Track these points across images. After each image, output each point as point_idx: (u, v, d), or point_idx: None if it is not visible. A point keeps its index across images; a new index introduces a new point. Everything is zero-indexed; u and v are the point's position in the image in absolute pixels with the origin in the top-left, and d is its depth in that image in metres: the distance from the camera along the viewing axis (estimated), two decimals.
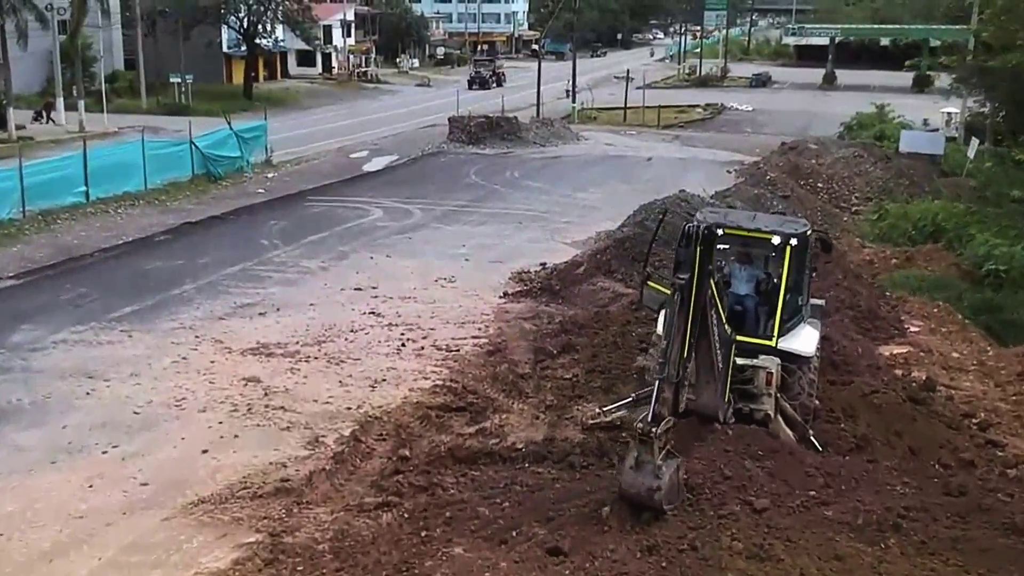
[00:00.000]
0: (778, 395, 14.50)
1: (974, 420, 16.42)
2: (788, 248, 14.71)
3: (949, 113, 59.06)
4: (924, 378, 17.82)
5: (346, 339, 20.36)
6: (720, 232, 14.92)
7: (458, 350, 19.66)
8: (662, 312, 15.93)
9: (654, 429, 11.19)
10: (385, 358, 19.21)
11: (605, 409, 15.43)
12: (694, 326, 11.91)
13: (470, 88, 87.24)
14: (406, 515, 12.59)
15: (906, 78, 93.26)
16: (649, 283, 16.81)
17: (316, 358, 19.13)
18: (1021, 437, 16.04)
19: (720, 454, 12.93)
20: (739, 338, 13.92)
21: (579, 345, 19.26)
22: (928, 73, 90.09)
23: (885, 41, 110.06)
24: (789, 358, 14.73)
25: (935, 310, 23.00)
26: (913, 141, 48.34)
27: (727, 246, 15.37)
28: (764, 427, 14.27)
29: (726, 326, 13.23)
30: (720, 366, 13.03)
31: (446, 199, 37.14)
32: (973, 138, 46.86)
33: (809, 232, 15.18)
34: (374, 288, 24.22)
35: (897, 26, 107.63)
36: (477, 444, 14.68)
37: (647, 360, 16.37)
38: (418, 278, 25.27)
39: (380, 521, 12.52)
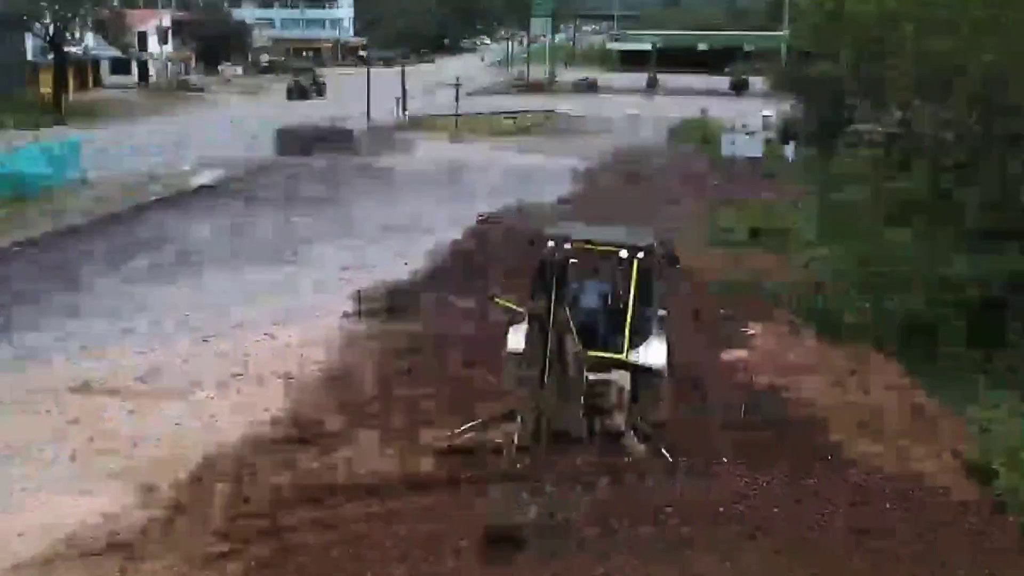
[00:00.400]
0: (630, 409, 14.47)
1: (812, 422, 16.80)
2: (636, 261, 14.71)
3: (766, 116, 61.27)
4: (765, 384, 18.19)
5: (178, 371, 19.31)
6: (569, 246, 14.83)
7: (300, 376, 18.91)
8: (511, 329, 15.72)
9: (518, 465, 10.89)
10: (224, 389, 18.29)
11: (456, 432, 15.07)
12: (552, 351, 11.69)
13: (289, 98, 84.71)
14: (253, 564, 11.89)
15: (724, 82, 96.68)
16: (497, 299, 16.60)
17: (146, 394, 18.03)
18: (857, 437, 16.45)
19: (565, 479, 12.78)
20: (590, 353, 13.83)
21: (426, 365, 18.84)
22: (744, 77, 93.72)
23: (703, 46, 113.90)
24: (640, 371, 14.72)
25: (771, 313, 23.56)
26: (733, 145, 49.85)
27: (575, 260, 15.26)
28: (617, 442, 14.24)
29: (578, 343, 13.09)
30: (575, 384, 12.87)
31: (282, 214, 35.99)
32: (791, 141, 48.67)
33: (656, 244, 15.22)
34: (212, 313, 23.15)
35: (714, 32, 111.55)
36: (324, 480, 14.05)
37: (497, 379, 16.12)
38: (259, 301, 24.29)
39: (225, 572, 11.77)
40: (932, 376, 22.25)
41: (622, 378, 14.35)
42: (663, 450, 14.40)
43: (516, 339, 15.16)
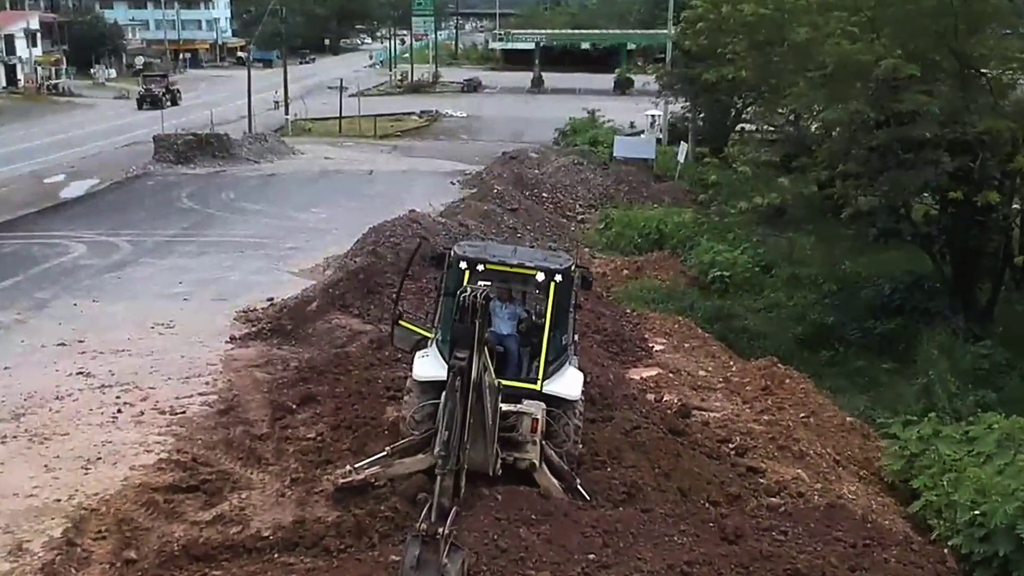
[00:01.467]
0: (543, 443, 13.62)
1: (731, 445, 16.27)
2: (552, 284, 13.87)
3: (653, 116, 61.29)
4: (678, 403, 17.59)
5: (50, 408, 17.64)
6: (481, 268, 13.92)
7: (184, 412, 17.47)
8: (418, 355, 14.73)
9: (440, 529, 9.93)
10: (99, 429, 16.73)
11: (357, 466, 13.94)
12: (472, 405, 10.76)
13: (140, 107, 77.79)
14: None
15: (608, 80, 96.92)
16: (401, 322, 15.55)
17: (14, 436, 16.34)
18: (777, 460, 15.99)
19: (492, 524, 11.87)
20: (502, 383, 12.91)
21: (320, 395, 17.60)
22: (629, 76, 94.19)
23: (586, 45, 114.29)
24: (554, 402, 13.89)
25: (675, 325, 23.09)
26: (626, 146, 49.66)
27: (487, 282, 14.39)
28: (529, 477, 13.39)
29: (493, 375, 12.17)
30: (490, 420, 11.96)
31: (157, 228, 34.27)
32: (683, 142, 48.68)
33: (573, 267, 14.40)
34: (81, 342, 21.47)
35: (598, 31, 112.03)
36: (216, 535, 12.77)
37: (398, 412, 15.09)
38: (131, 325, 22.70)
39: None
40: (838, 386, 22.19)
41: (536, 409, 13.48)
42: (579, 487, 13.57)
43: (423, 366, 14.22)
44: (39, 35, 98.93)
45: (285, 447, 15.68)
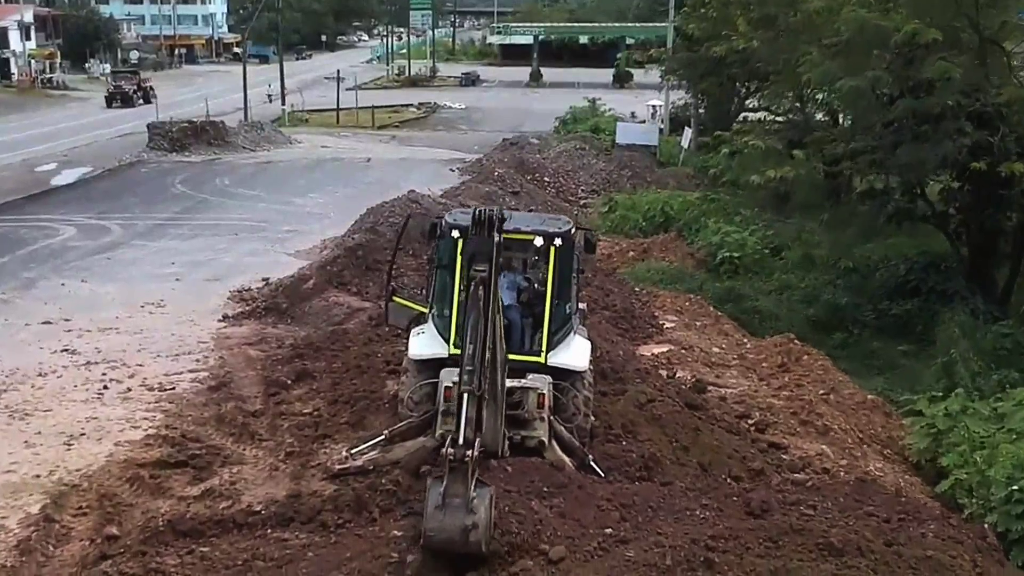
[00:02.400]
0: (552, 418, 12.76)
1: (751, 421, 15.41)
2: (553, 249, 13.00)
3: (654, 106, 60.45)
4: (692, 379, 16.75)
5: (33, 385, 16.82)
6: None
7: (173, 388, 16.65)
8: (413, 332, 13.90)
9: (468, 452, 9.11)
10: (83, 406, 15.91)
11: (354, 451, 13.06)
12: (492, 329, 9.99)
13: (109, 106, 72.32)
14: None
15: (607, 74, 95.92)
16: (395, 299, 14.73)
17: None
18: (800, 436, 15.14)
19: (502, 496, 10.99)
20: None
21: (316, 371, 16.79)
22: (628, 70, 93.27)
23: (584, 40, 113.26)
24: (560, 375, 13.02)
25: (687, 303, 22.24)
26: (629, 133, 48.89)
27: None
28: (539, 456, 12.53)
29: (503, 343, 11.32)
30: (500, 391, 11.09)
31: (150, 212, 33.40)
32: (687, 128, 47.82)
33: (573, 230, 13.53)
34: (67, 320, 20.64)
35: (596, 24, 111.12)
36: (204, 510, 11.91)
37: (399, 386, 14.22)
38: (120, 305, 21.87)
39: None
40: (853, 368, 21.37)
41: (541, 383, 12.61)
42: (592, 463, 12.71)
43: (420, 344, 13.38)
44: (33, 29, 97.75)
45: (279, 422, 14.87)
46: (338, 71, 72.85)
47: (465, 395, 9.80)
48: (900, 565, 10.44)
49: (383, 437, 12.87)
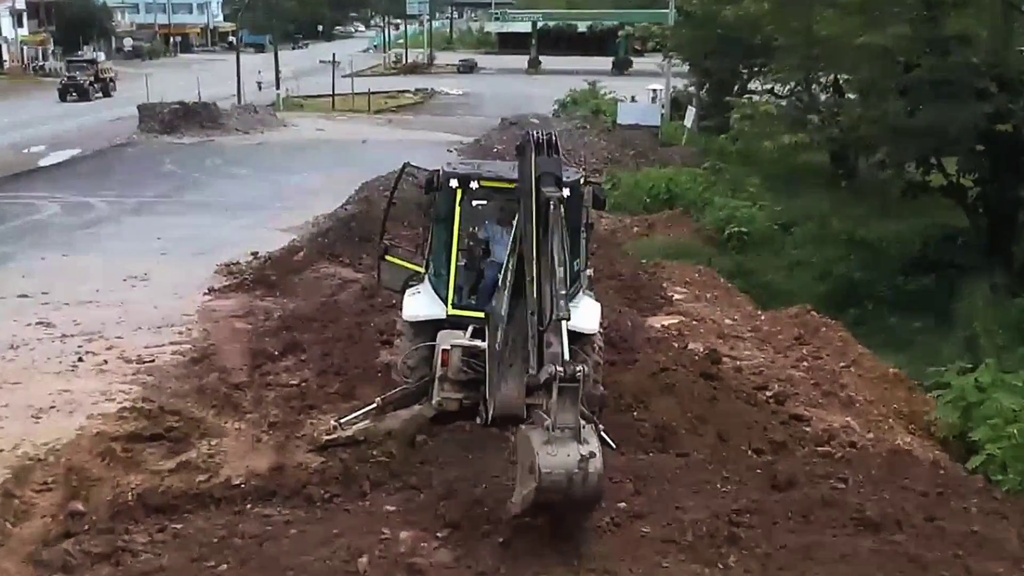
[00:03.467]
0: None
1: (769, 393, 14.39)
2: (561, 200, 11.95)
3: (655, 90, 59.43)
4: (705, 350, 15.74)
5: (3, 358, 15.81)
6: (475, 186, 12.12)
7: (152, 361, 15.63)
8: (408, 292, 12.90)
9: (579, 369, 8.18)
10: (56, 378, 14.89)
11: (343, 421, 12.01)
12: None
13: (63, 99, 65.05)
14: None
15: (606, 62, 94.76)
16: (388, 257, 13.67)
17: None
18: (823, 407, 14.15)
19: (505, 467, 10.00)
20: None
21: (306, 343, 15.79)
22: (627, 56, 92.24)
23: (583, 28, 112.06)
24: (569, 338, 12.00)
25: (696, 275, 21.24)
26: (631, 112, 48.01)
27: (483, 201, 12.53)
28: None
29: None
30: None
31: (139, 190, 32.43)
32: (690, 107, 46.81)
33: (582, 180, 12.50)
34: (45, 294, 19.60)
35: (596, 11, 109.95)
36: (179, 484, 10.88)
37: (392, 355, 13.19)
38: (102, 278, 20.83)
39: None
40: (869, 345, 20.30)
41: None
42: (603, 434, 11.67)
43: (415, 305, 12.38)
44: (25, 15, 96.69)
45: (264, 394, 13.87)
46: (333, 55, 71.74)
47: (563, 323, 8.72)
48: (943, 540, 9.47)
49: (375, 405, 11.87)
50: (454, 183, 12.04)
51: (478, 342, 11.40)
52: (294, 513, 10.19)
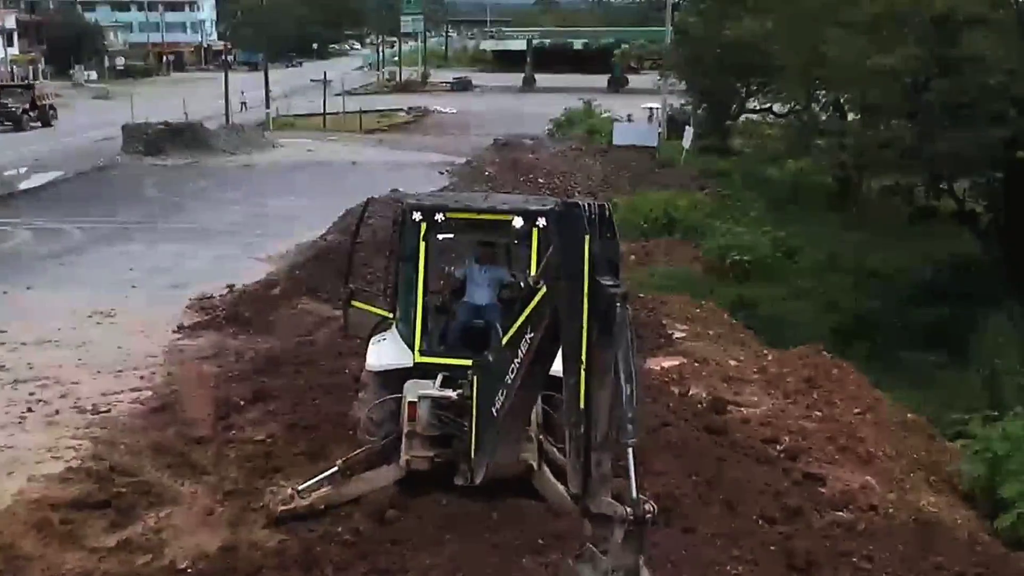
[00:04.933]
0: (541, 438, 10.49)
1: (780, 447, 13.15)
2: (536, 232, 10.75)
3: (651, 108, 58.46)
4: (709, 397, 14.52)
5: None
6: (440, 217, 10.92)
7: (108, 411, 14.38)
8: (373, 340, 11.68)
9: (648, 508, 7.02)
10: (0, 433, 13.67)
11: (300, 489, 10.68)
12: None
13: None
14: None
15: (601, 80, 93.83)
16: (354, 303, 12.41)
17: None
18: (838, 464, 12.87)
19: (488, 552, 8.79)
20: None
21: (276, 390, 14.54)
22: (623, 75, 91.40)
23: (578, 45, 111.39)
24: (552, 385, 10.72)
25: (697, 310, 20.02)
26: (626, 134, 47.00)
27: (451, 235, 11.40)
28: (527, 483, 10.28)
29: None
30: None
31: (116, 216, 31.24)
32: (688, 128, 45.74)
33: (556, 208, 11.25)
34: (2, 332, 18.36)
35: (591, 28, 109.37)
36: (117, 567, 9.62)
37: (359, 410, 11.88)
38: (66, 314, 19.57)
39: None
40: (882, 382, 19.06)
41: None
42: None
43: (380, 354, 11.15)
44: (15, 34, 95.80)
45: (226, 452, 12.57)
46: (324, 73, 70.68)
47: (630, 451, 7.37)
48: None
49: (335, 469, 10.61)
50: (417, 216, 10.84)
51: (449, 391, 10.22)
52: None
